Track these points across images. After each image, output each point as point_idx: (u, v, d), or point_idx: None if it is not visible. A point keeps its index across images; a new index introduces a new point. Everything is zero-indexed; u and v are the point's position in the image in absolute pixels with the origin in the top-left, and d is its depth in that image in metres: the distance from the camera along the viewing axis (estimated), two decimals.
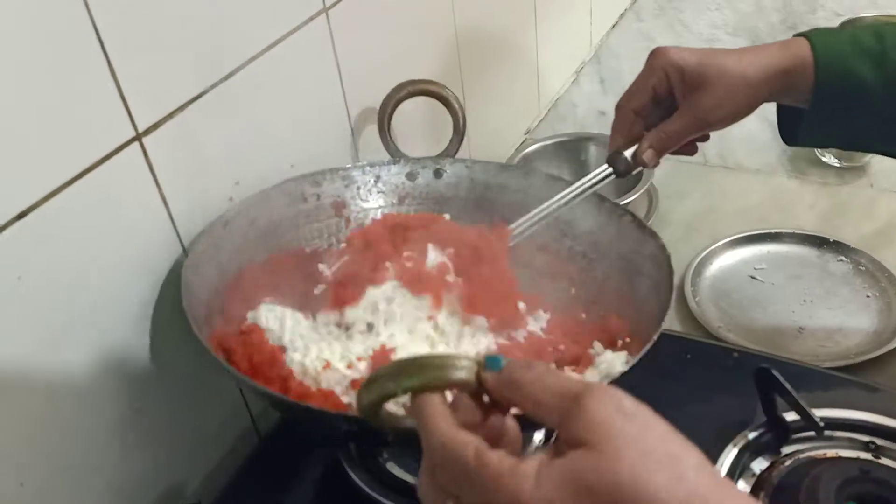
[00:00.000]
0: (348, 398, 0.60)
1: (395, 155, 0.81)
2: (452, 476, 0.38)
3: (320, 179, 0.76)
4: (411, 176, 0.80)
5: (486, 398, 0.41)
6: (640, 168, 0.72)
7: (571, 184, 0.73)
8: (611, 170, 0.72)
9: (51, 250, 0.56)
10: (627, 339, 0.67)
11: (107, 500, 0.64)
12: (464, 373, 0.41)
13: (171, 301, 0.63)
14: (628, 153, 0.71)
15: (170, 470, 0.70)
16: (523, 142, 1.25)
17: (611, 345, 0.67)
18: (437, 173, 0.80)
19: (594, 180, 0.72)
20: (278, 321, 0.65)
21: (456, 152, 0.83)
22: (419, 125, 0.94)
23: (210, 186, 0.69)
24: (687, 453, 0.36)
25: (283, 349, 0.64)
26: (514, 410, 0.41)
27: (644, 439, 0.35)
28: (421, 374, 0.41)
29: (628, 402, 0.37)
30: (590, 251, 0.76)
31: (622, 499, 0.34)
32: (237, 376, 0.58)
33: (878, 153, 0.75)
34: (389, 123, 0.82)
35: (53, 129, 0.54)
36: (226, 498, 0.69)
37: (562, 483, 0.35)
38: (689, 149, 0.74)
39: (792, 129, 0.73)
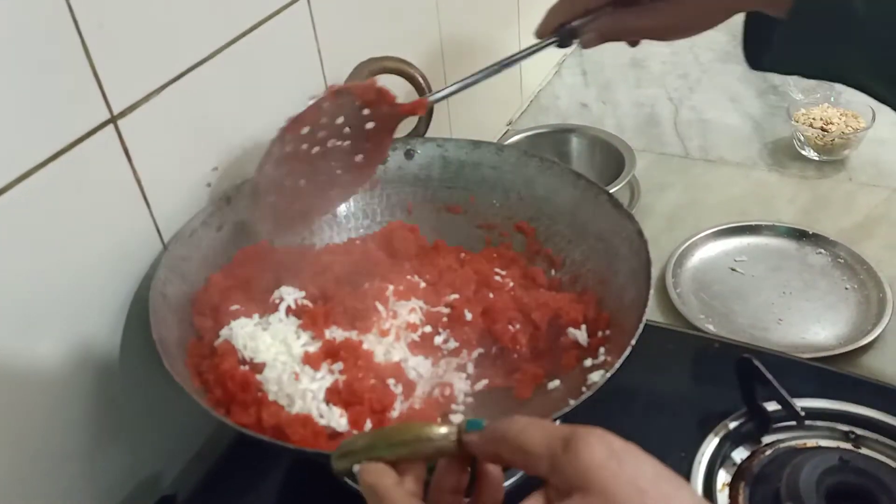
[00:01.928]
0: (325, 416, 0.59)
1: None
2: None
3: None
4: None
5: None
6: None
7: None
8: (554, 39, 0.70)
9: (22, 235, 0.54)
10: (608, 332, 0.66)
11: (82, 490, 0.63)
12: (440, 442, 0.41)
13: (146, 294, 0.61)
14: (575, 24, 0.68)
15: (145, 461, 0.68)
16: (505, 133, 1.24)
17: (592, 333, 0.67)
18: (409, 154, 0.79)
19: (535, 48, 0.70)
20: (249, 339, 0.63)
21: (425, 131, 0.81)
22: None
23: (188, 172, 0.68)
24: (680, 492, 0.36)
25: (255, 366, 0.62)
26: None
27: (637, 480, 0.35)
28: (393, 450, 0.41)
29: (618, 443, 0.37)
30: (567, 230, 0.75)
31: None
32: (212, 415, 0.56)
33: (843, 83, 0.65)
34: None
35: (26, 109, 0.53)
36: (204, 490, 0.68)
37: None
38: (634, 42, 0.71)
39: (757, 51, 0.65)
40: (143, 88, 0.61)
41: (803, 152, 1.14)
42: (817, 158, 1.13)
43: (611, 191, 0.95)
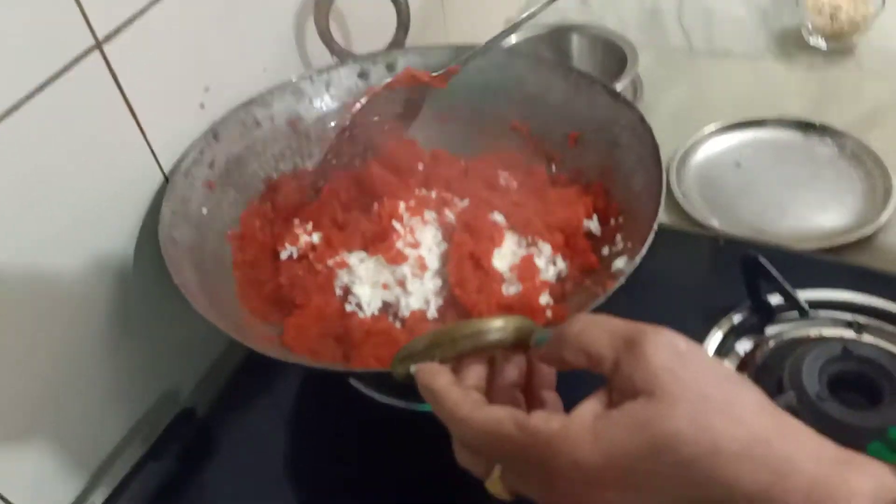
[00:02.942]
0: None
1: (342, 56, 0.77)
2: (499, 454, 0.37)
3: (269, 99, 0.73)
4: (363, 75, 0.77)
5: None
6: None
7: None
8: None
9: (18, 167, 0.54)
10: (620, 219, 0.66)
11: (107, 402, 0.65)
12: (497, 335, 0.41)
13: (154, 221, 0.62)
14: None
15: (163, 377, 0.70)
16: (503, 32, 1.21)
17: (604, 222, 0.67)
18: (390, 67, 0.77)
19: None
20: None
21: (404, 42, 0.79)
22: (367, 27, 0.88)
23: (179, 94, 0.67)
24: (744, 395, 0.35)
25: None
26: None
27: (700, 384, 0.34)
28: (453, 346, 0.42)
29: (683, 344, 0.36)
30: (563, 125, 0.74)
31: (683, 447, 0.33)
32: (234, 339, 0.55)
33: None
34: (328, 21, 0.76)
35: (7, 40, 0.52)
36: (221, 401, 0.70)
37: (622, 435, 0.34)
38: None
39: None
40: (126, 12, 0.60)
41: (811, 41, 1.11)
42: (825, 47, 1.09)
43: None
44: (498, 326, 0.41)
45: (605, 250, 0.65)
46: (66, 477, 0.63)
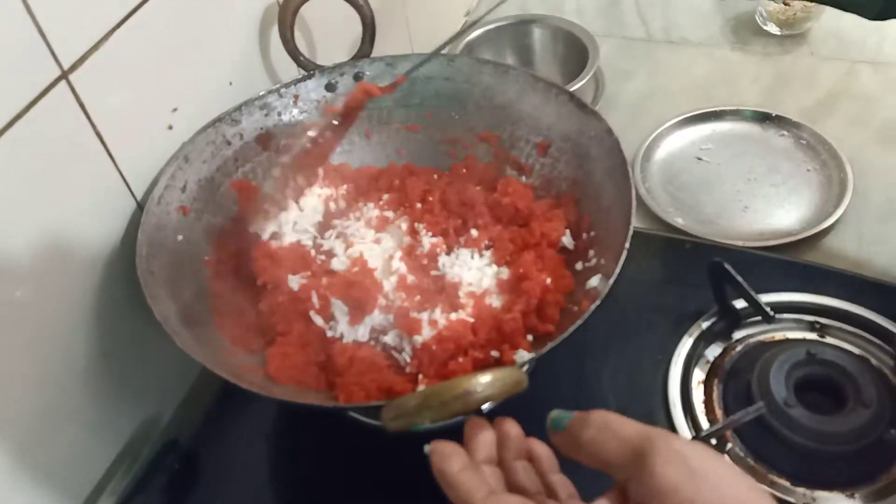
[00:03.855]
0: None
1: (307, 67, 0.76)
2: None
3: (237, 117, 0.72)
4: (330, 87, 0.76)
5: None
6: None
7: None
8: None
9: None
10: (592, 233, 0.67)
11: (88, 434, 0.65)
12: (485, 392, 0.42)
13: (129, 250, 0.61)
14: None
15: (142, 403, 0.70)
16: (463, 24, 1.21)
17: (576, 236, 0.68)
18: (357, 77, 0.76)
19: None
20: None
21: (370, 51, 0.78)
22: (332, 35, 0.87)
23: (147, 117, 0.66)
24: (761, 499, 0.35)
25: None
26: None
27: (718, 495, 0.34)
28: (446, 407, 0.42)
29: (696, 459, 0.35)
30: (532, 135, 0.74)
31: None
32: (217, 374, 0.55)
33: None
34: (293, 33, 0.74)
35: None
36: (203, 428, 0.70)
37: None
38: None
39: None
40: (89, 38, 0.58)
41: (765, 27, 1.13)
42: (779, 33, 1.12)
43: (578, 84, 0.96)
44: (485, 382, 0.42)
45: (579, 265, 0.66)
46: None
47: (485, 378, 0.42)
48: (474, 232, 0.69)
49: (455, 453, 0.41)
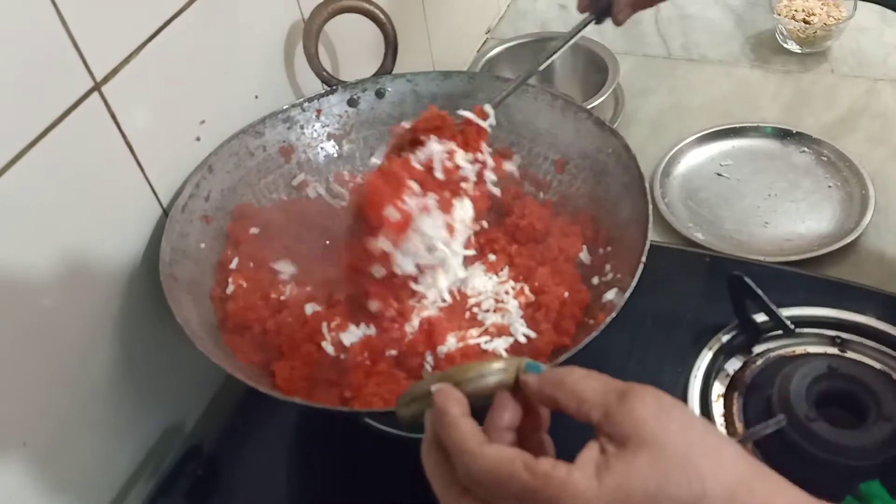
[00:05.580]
0: None
1: (330, 83, 0.77)
2: (503, 492, 0.39)
3: (261, 129, 0.73)
4: (353, 102, 0.77)
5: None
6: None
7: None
8: (589, 15, 0.71)
9: (23, 212, 0.54)
10: (609, 248, 0.68)
11: (113, 441, 0.66)
12: (497, 377, 0.42)
13: (154, 257, 0.62)
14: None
15: (166, 410, 0.71)
16: (485, 42, 1.22)
17: (592, 251, 0.69)
18: (379, 93, 0.78)
19: (575, 30, 0.71)
20: None
21: (392, 68, 0.79)
22: (355, 50, 0.88)
23: (176, 129, 0.67)
24: (725, 445, 0.39)
25: None
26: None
27: (686, 434, 0.38)
28: (458, 388, 0.42)
29: (668, 400, 0.39)
30: (550, 152, 0.75)
31: (675, 489, 0.36)
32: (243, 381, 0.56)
33: None
34: (316, 49, 0.76)
35: (9, 91, 0.52)
36: (225, 434, 0.71)
37: (621, 479, 0.37)
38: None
39: None
40: (122, 51, 0.60)
41: (785, 45, 1.13)
42: (799, 51, 1.12)
43: (595, 102, 0.97)
44: (499, 368, 0.43)
45: (595, 280, 0.66)
46: None
47: (498, 364, 0.43)
48: (492, 256, 0.70)
49: (461, 401, 0.42)
